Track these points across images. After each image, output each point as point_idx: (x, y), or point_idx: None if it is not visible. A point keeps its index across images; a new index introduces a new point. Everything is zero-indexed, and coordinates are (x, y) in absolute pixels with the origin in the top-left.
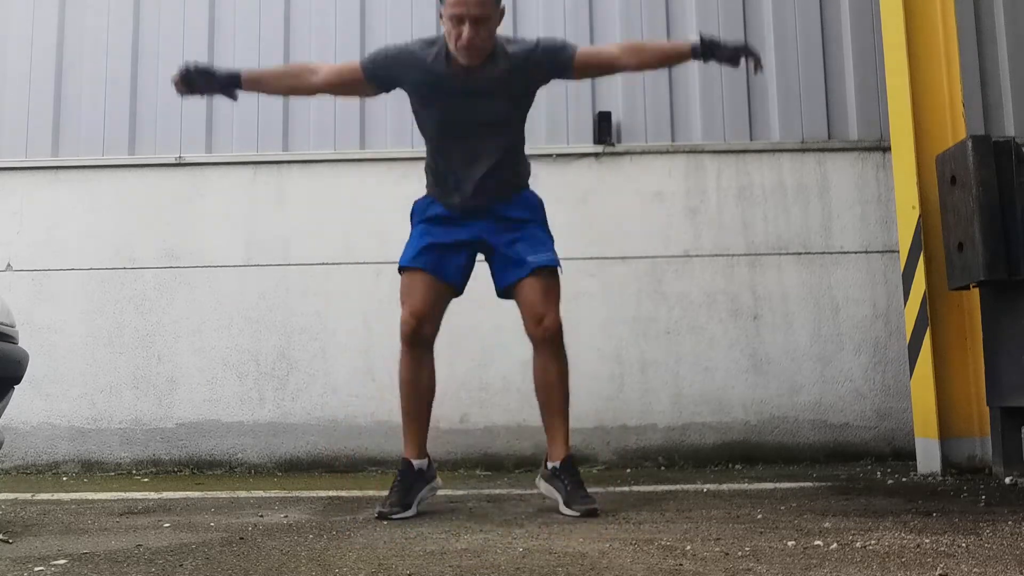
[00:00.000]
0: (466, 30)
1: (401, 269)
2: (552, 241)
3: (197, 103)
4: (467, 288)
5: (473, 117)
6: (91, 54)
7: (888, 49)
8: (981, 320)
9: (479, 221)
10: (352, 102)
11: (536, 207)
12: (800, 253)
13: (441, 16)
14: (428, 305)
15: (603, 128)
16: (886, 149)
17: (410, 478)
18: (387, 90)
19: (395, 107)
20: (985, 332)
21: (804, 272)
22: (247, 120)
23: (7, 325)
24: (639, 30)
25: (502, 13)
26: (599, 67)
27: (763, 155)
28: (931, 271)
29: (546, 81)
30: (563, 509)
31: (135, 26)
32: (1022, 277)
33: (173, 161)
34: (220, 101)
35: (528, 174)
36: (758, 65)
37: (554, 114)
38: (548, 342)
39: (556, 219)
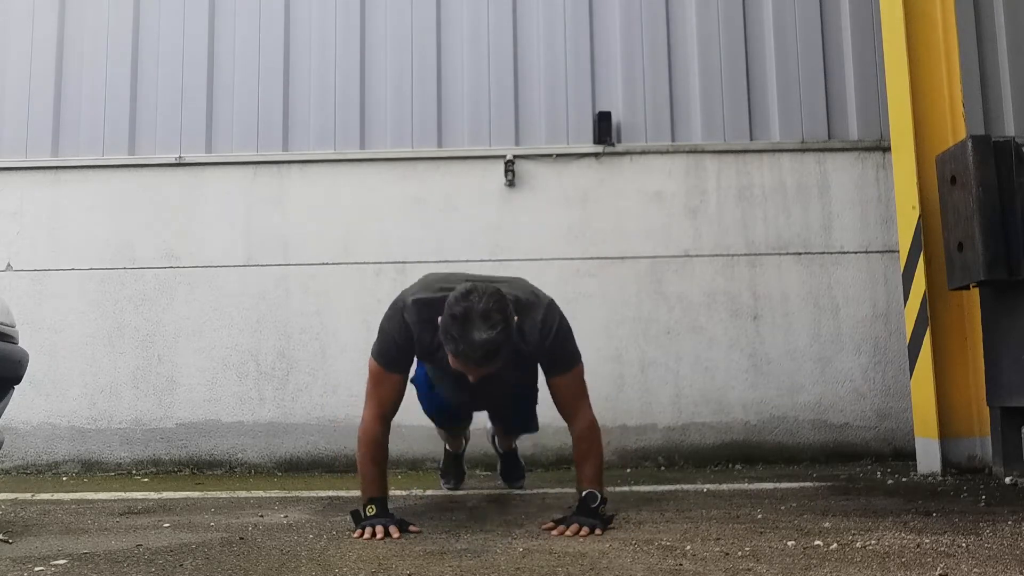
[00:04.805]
0: (472, 377)
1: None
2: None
3: (197, 102)
4: None
5: (478, 394)
6: (91, 54)
7: (888, 49)
8: (981, 320)
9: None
10: (352, 102)
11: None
12: (800, 253)
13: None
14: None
15: (603, 128)
16: (886, 149)
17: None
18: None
19: (395, 107)
20: (985, 332)
21: (804, 272)
22: (247, 120)
23: (7, 325)
24: (639, 30)
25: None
26: (561, 407)
27: (763, 155)
28: (931, 271)
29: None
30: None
31: (135, 26)
32: (1022, 277)
33: (173, 161)
34: (220, 101)
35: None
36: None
37: (554, 114)
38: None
39: (556, 219)
